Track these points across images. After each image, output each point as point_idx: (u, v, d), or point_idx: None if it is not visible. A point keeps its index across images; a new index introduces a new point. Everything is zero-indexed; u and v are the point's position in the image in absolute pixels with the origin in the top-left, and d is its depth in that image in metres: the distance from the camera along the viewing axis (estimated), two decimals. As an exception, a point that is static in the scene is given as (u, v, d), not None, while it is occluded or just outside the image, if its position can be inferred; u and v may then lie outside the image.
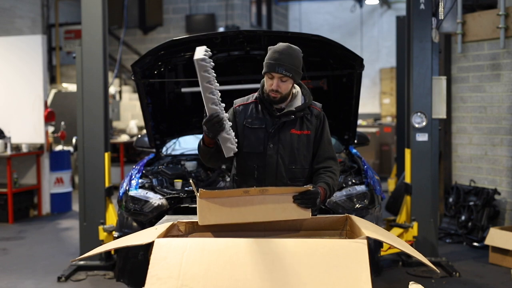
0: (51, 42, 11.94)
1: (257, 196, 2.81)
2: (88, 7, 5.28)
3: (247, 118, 3.19)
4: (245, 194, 2.80)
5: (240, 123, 3.20)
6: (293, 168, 3.17)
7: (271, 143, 3.14)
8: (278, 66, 3.02)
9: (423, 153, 5.37)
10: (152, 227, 2.94)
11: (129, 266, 4.24)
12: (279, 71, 3.03)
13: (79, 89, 5.35)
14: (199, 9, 12.61)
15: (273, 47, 3.11)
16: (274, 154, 3.14)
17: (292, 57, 3.07)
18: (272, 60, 3.05)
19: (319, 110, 3.27)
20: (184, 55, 4.93)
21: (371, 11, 15.21)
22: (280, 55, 3.04)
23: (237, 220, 2.80)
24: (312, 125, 3.21)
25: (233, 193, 2.80)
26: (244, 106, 3.24)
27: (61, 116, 8.85)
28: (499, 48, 6.18)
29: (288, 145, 3.15)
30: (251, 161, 3.14)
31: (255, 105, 3.22)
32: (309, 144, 3.21)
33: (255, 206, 2.81)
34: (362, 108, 8.84)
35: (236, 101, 3.30)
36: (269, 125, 3.15)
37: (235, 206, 2.80)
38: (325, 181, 3.11)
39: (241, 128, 3.19)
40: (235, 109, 3.25)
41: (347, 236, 2.96)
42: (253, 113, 3.20)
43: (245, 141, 3.17)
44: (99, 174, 5.35)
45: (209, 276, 2.31)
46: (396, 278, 5.00)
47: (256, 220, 2.83)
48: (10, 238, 6.66)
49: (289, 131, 3.16)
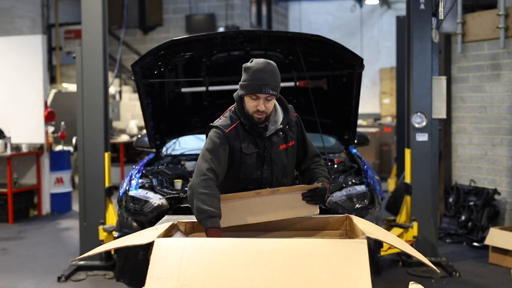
0: (51, 42, 11.93)
1: (268, 196, 2.84)
2: (88, 7, 5.28)
3: (242, 143, 3.01)
4: (256, 195, 2.82)
5: (236, 149, 3.01)
6: (284, 181, 3.15)
7: (265, 166, 3.06)
8: (265, 86, 2.88)
9: (423, 153, 5.37)
10: (152, 227, 2.94)
11: (129, 266, 4.24)
12: (266, 92, 2.89)
13: (79, 89, 5.35)
14: (199, 9, 12.61)
15: (252, 66, 2.94)
16: (269, 175, 3.08)
17: (274, 73, 2.94)
18: (256, 81, 2.90)
19: (295, 115, 3.16)
20: (184, 55, 4.93)
21: (371, 11, 15.21)
22: (263, 74, 2.90)
23: (248, 221, 2.83)
24: (294, 134, 3.14)
25: (245, 195, 2.82)
26: (234, 130, 3.02)
27: (61, 116, 8.84)
28: (499, 48, 6.18)
29: (280, 162, 3.09)
30: (247, 183, 3.02)
31: (242, 127, 3.03)
32: (294, 153, 3.17)
33: (265, 206, 2.85)
34: (362, 108, 8.84)
35: (222, 125, 3.03)
36: (261, 148, 3.04)
37: (247, 207, 2.82)
38: (324, 175, 3.12)
39: (238, 155, 3.02)
40: (227, 134, 3.01)
41: (347, 236, 2.96)
42: (245, 138, 3.02)
43: (241, 167, 3.03)
44: (99, 174, 5.34)
45: (209, 276, 2.31)
46: (396, 278, 5.00)
47: (267, 220, 2.87)
48: (10, 238, 6.66)
49: (278, 149, 3.07)
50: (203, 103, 5.36)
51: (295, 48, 4.76)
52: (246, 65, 2.98)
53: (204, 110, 5.39)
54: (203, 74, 5.15)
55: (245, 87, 2.95)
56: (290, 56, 4.90)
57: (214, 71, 5.17)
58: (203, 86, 5.17)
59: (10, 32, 8.31)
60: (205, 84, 5.16)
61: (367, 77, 14.25)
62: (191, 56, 4.97)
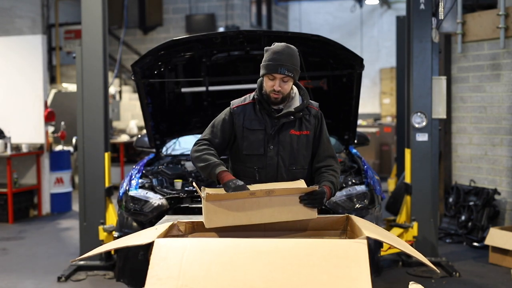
0: (51, 42, 11.93)
1: (263, 197, 2.80)
2: (88, 7, 5.28)
3: (245, 120, 3.16)
4: (251, 196, 2.78)
5: (238, 125, 3.17)
6: (293, 169, 3.16)
7: (271, 145, 3.13)
8: (280, 67, 3.01)
9: (423, 153, 5.37)
10: (152, 227, 2.94)
11: (129, 266, 4.23)
12: (281, 72, 3.01)
13: (79, 89, 5.35)
14: (199, 9, 12.61)
15: (271, 48, 3.09)
16: (274, 155, 3.13)
17: (292, 57, 3.07)
18: (273, 61, 3.03)
19: (317, 110, 3.26)
20: (184, 55, 4.93)
21: (371, 11, 15.21)
22: (280, 56, 3.03)
23: (243, 222, 2.79)
24: (311, 125, 3.20)
25: (239, 195, 2.78)
26: (242, 107, 3.20)
27: (61, 116, 8.84)
28: (499, 48, 6.18)
29: (288, 146, 3.14)
30: (251, 163, 3.11)
31: (252, 106, 3.19)
32: (309, 144, 3.20)
33: (261, 208, 2.80)
34: (362, 108, 8.85)
35: (233, 102, 3.26)
36: (268, 126, 3.13)
37: (241, 208, 2.79)
38: (329, 179, 3.11)
39: (240, 130, 3.17)
40: (232, 110, 3.21)
41: (347, 236, 2.96)
42: (251, 115, 3.17)
43: (244, 143, 3.15)
44: (99, 174, 5.34)
45: (209, 276, 2.31)
46: (396, 278, 5.00)
47: (263, 221, 2.82)
48: (10, 238, 6.66)
49: (288, 132, 3.14)
50: (203, 103, 5.36)
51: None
52: (267, 48, 3.12)
53: (204, 110, 5.39)
54: (203, 74, 5.15)
55: (263, 67, 3.09)
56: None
57: (214, 71, 5.17)
58: (203, 86, 5.17)
59: (10, 32, 8.30)
60: (205, 84, 5.16)
61: (367, 77, 14.24)
62: (191, 56, 4.97)
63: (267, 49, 3.11)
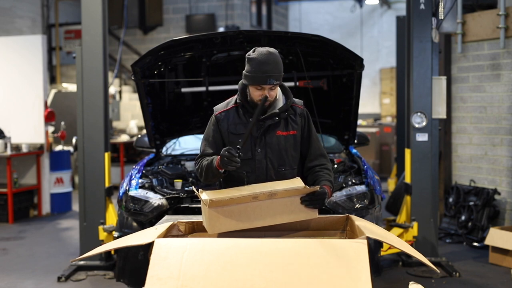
0: (51, 42, 11.94)
1: (265, 201, 2.79)
2: (88, 7, 5.28)
3: (230, 125, 3.13)
4: (253, 200, 2.77)
5: (224, 130, 3.13)
6: (282, 170, 3.13)
7: (259, 148, 3.09)
8: (269, 78, 2.95)
9: (423, 153, 5.37)
10: (152, 227, 2.94)
11: (129, 266, 4.24)
12: (270, 83, 2.96)
13: (79, 89, 5.35)
14: (199, 9, 12.61)
15: (255, 58, 2.97)
16: (263, 158, 3.10)
17: (278, 64, 3.00)
18: (260, 73, 2.95)
19: (302, 108, 3.21)
20: (184, 55, 4.93)
21: (371, 11, 15.22)
22: (267, 67, 2.95)
23: (246, 226, 2.79)
24: (298, 124, 3.16)
25: (241, 200, 2.77)
26: (226, 113, 3.16)
27: (61, 116, 8.85)
28: (499, 48, 6.18)
29: (275, 147, 3.11)
30: (240, 168, 3.01)
31: (236, 110, 3.15)
32: (296, 144, 3.17)
33: (263, 211, 2.79)
34: (362, 108, 8.84)
35: (216, 108, 3.21)
36: (254, 129, 3.07)
37: (244, 212, 2.78)
38: (327, 179, 3.10)
39: (226, 135, 3.13)
40: (216, 117, 3.17)
41: (347, 236, 2.96)
42: (235, 119, 3.13)
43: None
44: (99, 174, 5.34)
45: (209, 276, 2.31)
46: (396, 278, 5.00)
47: (265, 224, 2.82)
48: (10, 238, 6.66)
49: (275, 133, 3.10)
50: (203, 103, 5.36)
51: (295, 48, 4.76)
52: (250, 56, 3.01)
53: (204, 110, 5.39)
54: (203, 74, 5.15)
55: (250, 79, 3.00)
56: (290, 56, 4.90)
57: (214, 71, 5.17)
58: (203, 86, 5.17)
59: (10, 32, 8.32)
60: (205, 84, 5.16)
61: (367, 77, 14.25)
62: (191, 56, 4.97)
63: (250, 58, 3.00)
